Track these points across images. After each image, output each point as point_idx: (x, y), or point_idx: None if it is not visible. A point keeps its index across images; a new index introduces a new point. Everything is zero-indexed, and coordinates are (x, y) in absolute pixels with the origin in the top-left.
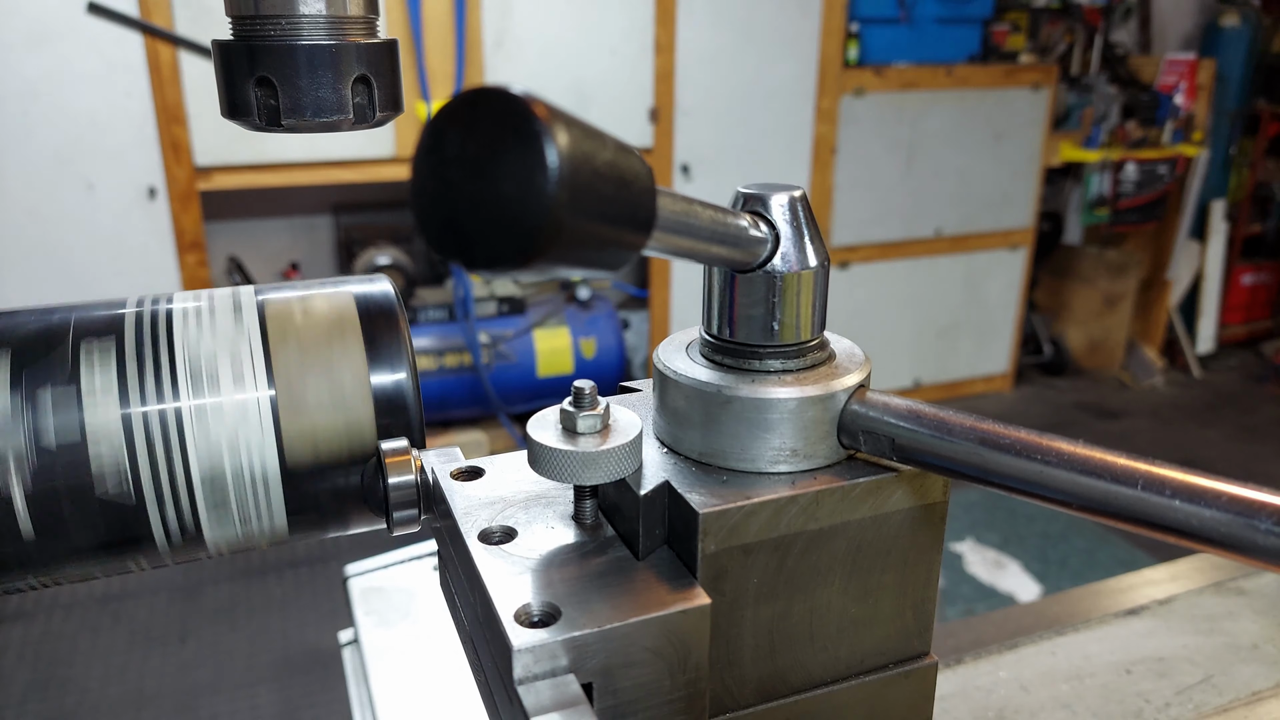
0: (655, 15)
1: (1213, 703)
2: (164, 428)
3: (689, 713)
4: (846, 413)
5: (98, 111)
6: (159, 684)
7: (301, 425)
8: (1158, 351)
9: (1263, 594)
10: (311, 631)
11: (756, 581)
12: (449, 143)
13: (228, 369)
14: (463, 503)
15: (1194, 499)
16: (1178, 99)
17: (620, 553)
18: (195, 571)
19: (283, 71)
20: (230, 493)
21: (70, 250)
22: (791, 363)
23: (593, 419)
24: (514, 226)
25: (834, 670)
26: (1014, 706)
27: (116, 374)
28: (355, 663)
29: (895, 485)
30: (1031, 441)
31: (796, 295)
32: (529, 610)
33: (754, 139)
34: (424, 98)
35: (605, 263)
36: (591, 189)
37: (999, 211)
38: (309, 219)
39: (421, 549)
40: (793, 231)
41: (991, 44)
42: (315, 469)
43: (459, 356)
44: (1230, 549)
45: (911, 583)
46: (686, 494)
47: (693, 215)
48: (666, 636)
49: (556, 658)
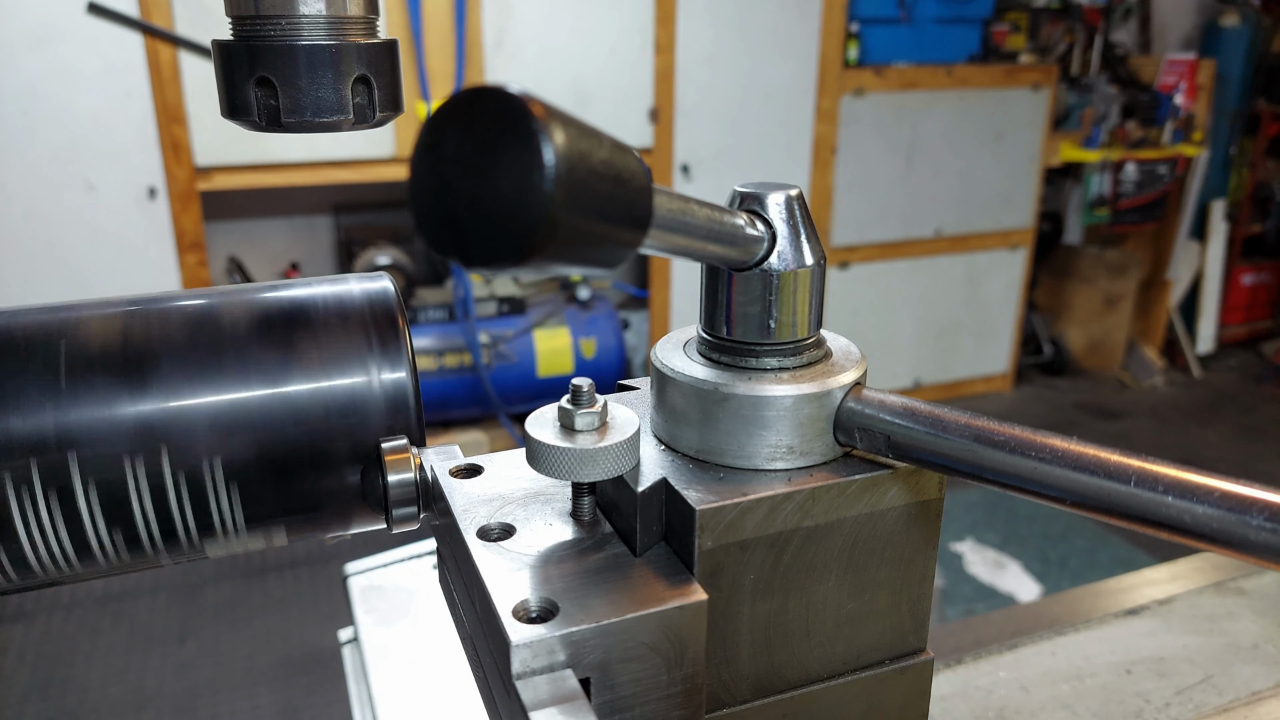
0: (655, 15)
1: (1213, 703)
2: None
3: (686, 707)
4: (843, 410)
5: (98, 111)
6: (159, 684)
7: (293, 360)
8: (1158, 351)
9: (1263, 594)
10: (311, 631)
11: (753, 577)
12: (447, 141)
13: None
14: (462, 500)
15: (1187, 495)
16: (1178, 99)
17: (618, 549)
18: (195, 571)
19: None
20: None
21: (70, 250)
22: (788, 360)
23: (590, 416)
24: (511, 224)
25: (830, 666)
26: (1014, 706)
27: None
28: (355, 661)
29: (891, 482)
30: (1026, 438)
31: (793, 293)
32: (527, 606)
33: (754, 139)
34: (424, 98)
35: (602, 260)
36: (588, 187)
37: (999, 211)
38: (309, 219)
39: (421, 547)
40: (789, 230)
41: (991, 44)
42: (307, 412)
43: (459, 356)
44: (1223, 544)
45: (907, 579)
46: (683, 490)
47: (689, 213)
48: (663, 632)
49: (554, 653)
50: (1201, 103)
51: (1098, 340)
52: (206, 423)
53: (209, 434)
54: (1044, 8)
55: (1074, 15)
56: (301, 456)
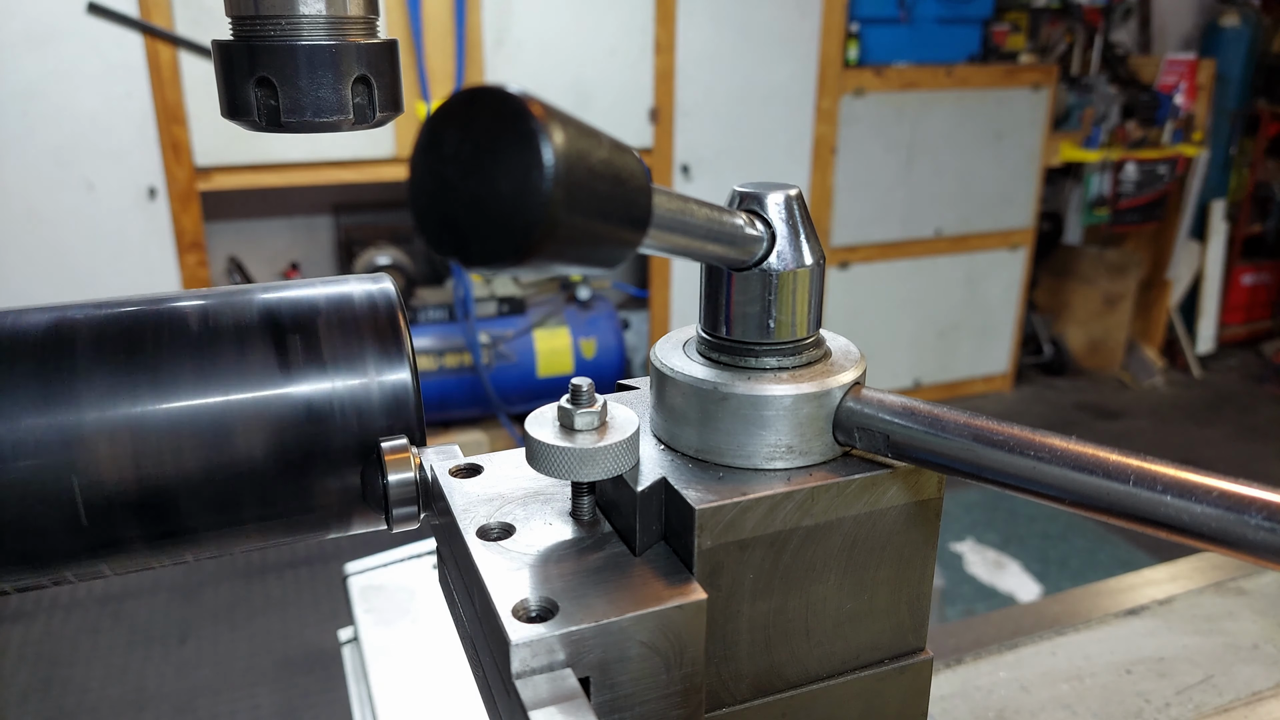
0: (655, 15)
1: (1213, 703)
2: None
3: (685, 707)
4: (842, 409)
5: (98, 111)
6: (159, 684)
7: (293, 361)
8: (1158, 351)
9: (1263, 594)
10: (312, 631)
11: (752, 577)
12: (446, 141)
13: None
14: (461, 500)
15: (1185, 494)
16: (1178, 99)
17: (617, 548)
18: (195, 571)
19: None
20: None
21: (70, 250)
22: (787, 360)
23: (590, 416)
24: (510, 224)
25: (830, 665)
26: (1014, 707)
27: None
28: (355, 661)
29: (890, 481)
30: (1025, 438)
31: (792, 293)
32: (527, 605)
33: (754, 139)
34: (424, 98)
35: (601, 260)
36: (587, 187)
37: (999, 212)
38: (309, 219)
39: (421, 547)
40: (788, 230)
41: (991, 44)
42: (307, 412)
43: (459, 357)
44: (1221, 544)
45: (907, 578)
46: (683, 490)
47: (688, 213)
48: (663, 631)
49: (554, 652)
50: (1201, 103)
51: (1098, 340)
52: (208, 423)
53: (210, 434)
54: (1044, 8)
55: (1074, 15)
56: (302, 456)
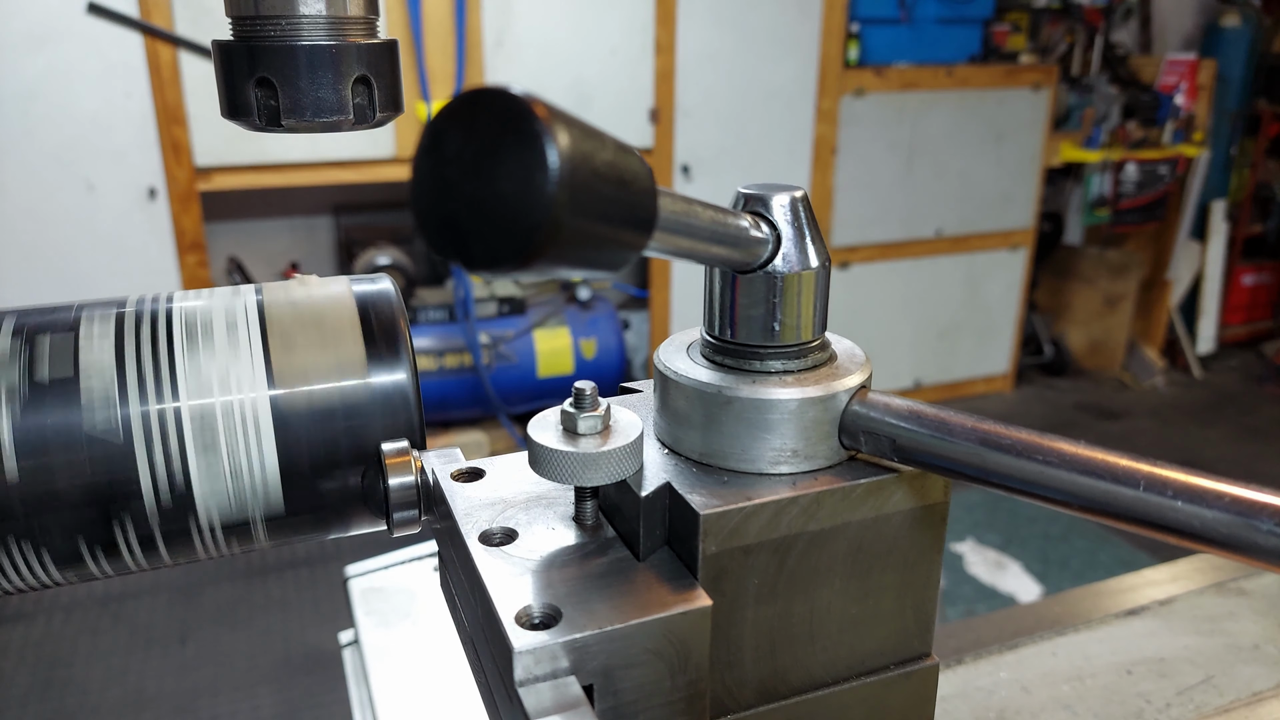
0: (655, 15)
1: (1213, 703)
2: (155, 362)
3: (690, 714)
4: (847, 413)
5: (98, 111)
6: (159, 685)
7: (292, 361)
8: (1158, 352)
9: (1263, 594)
10: (312, 632)
11: (757, 582)
12: (449, 142)
13: (222, 322)
14: (463, 504)
15: (1195, 500)
16: (1178, 99)
17: (621, 554)
18: (195, 572)
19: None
20: (220, 434)
21: (70, 250)
22: (792, 363)
23: (593, 420)
24: (513, 226)
25: (834, 671)
26: (1015, 707)
27: (115, 326)
28: (355, 663)
29: (896, 486)
30: (1032, 442)
31: (797, 296)
32: (530, 612)
33: (754, 139)
34: (424, 98)
35: (605, 263)
36: (591, 189)
37: (999, 212)
38: (309, 219)
39: (422, 549)
40: (794, 232)
41: (992, 44)
42: (307, 413)
43: (459, 357)
44: (1232, 550)
45: (912, 583)
46: (687, 495)
47: (693, 215)
48: (667, 637)
49: (557, 659)
50: (1202, 103)
51: (1098, 340)
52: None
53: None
54: (1044, 8)
55: (1074, 15)
56: (302, 459)
